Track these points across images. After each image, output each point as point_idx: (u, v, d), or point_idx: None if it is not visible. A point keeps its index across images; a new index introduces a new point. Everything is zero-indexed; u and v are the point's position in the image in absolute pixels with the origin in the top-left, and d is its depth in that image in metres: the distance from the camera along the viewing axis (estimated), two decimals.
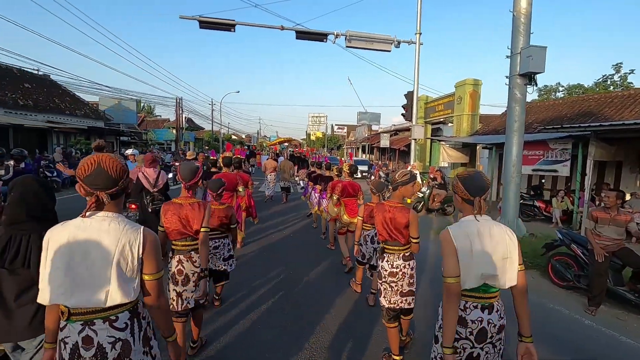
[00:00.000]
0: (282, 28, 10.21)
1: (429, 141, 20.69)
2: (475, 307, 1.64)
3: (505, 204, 6.60)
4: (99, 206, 1.36)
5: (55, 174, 11.51)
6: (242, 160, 6.73)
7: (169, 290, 2.56)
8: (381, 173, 10.77)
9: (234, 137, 63.43)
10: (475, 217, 1.66)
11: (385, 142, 22.14)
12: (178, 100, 26.18)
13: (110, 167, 1.35)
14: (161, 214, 2.55)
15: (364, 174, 20.92)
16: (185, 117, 33.05)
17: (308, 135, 73.02)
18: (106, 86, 26.10)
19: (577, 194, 8.18)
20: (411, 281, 2.74)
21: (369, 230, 3.83)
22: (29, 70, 19.52)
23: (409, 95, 11.61)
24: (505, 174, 6.63)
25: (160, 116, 45.85)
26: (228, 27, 9.86)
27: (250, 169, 21.81)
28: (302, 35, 10.43)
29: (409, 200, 11.23)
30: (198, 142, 41.63)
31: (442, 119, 19.28)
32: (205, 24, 9.75)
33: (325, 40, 10.61)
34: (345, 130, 54.12)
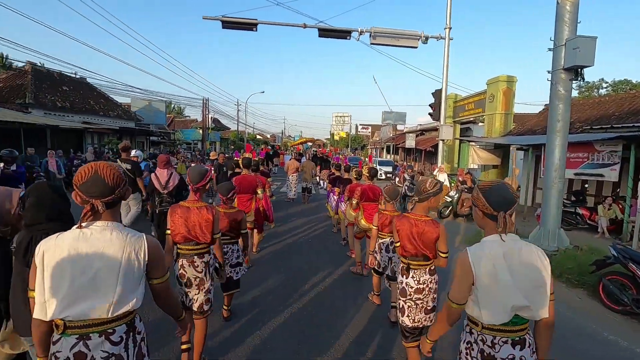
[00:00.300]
0: (305, 26, 9.99)
1: (457, 142, 19.78)
2: (505, 342, 1.42)
3: (545, 211, 5.98)
4: (95, 215, 1.34)
5: None
6: (259, 162, 6.60)
7: (178, 290, 2.54)
8: (406, 175, 10.27)
9: (258, 136, 64.42)
10: (500, 236, 1.43)
11: (410, 142, 21.42)
12: (204, 101, 26.77)
13: (107, 174, 1.33)
14: (168, 217, 2.51)
15: (388, 175, 20.34)
16: (212, 118, 33.81)
17: (332, 135, 72.74)
18: (138, 88, 27.16)
19: (628, 202, 7.33)
20: (435, 296, 2.60)
21: (384, 238, 3.66)
22: (68, 74, 20.64)
23: (437, 94, 11.01)
24: (546, 179, 6.02)
25: (189, 117, 47.38)
26: (250, 26, 9.78)
27: (273, 168, 21.97)
28: (325, 32, 10.16)
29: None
30: (224, 142, 42.54)
31: (471, 119, 18.36)
32: (228, 24, 9.72)
33: (348, 37, 10.27)
34: (369, 130, 53.31)
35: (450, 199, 9.29)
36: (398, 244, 2.61)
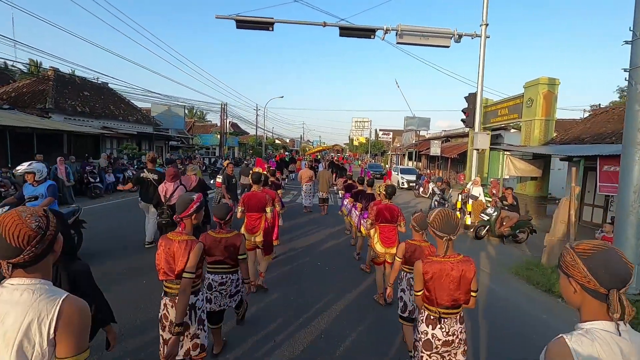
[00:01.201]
0: (325, 24, 9.19)
1: (487, 150, 18.37)
2: None
3: (619, 242, 4.81)
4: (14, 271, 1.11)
5: (97, 179, 11.63)
6: (267, 175, 5.94)
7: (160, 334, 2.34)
8: (435, 189, 9.17)
9: (277, 141, 64.38)
10: (616, 325, 1.00)
11: (436, 149, 20.15)
12: (223, 106, 26.55)
13: (9, 233, 1.07)
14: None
15: (411, 184, 19.13)
16: (230, 122, 33.71)
17: (351, 140, 71.74)
18: (157, 93, 27.23)
19: None
20: (465, 348, 2.25)
21: (412, 273, 2.91)
22: (90, 79, 20.87)
23: (471, 98, 9.90)
24: (622, 204, 4.85)
25: (211, 121, 47.77)
26: (266, 25, 9.08)
27: (289, 175, 21.24)
28: (346, 31, 9.32)
29: (467, 220, 9.48)
30: (242, 146, 42.48)
31: (502, 125, 16.94)
32: (243, 24, 9.07)
33: (373, 36, 9.38)
34: (390, 135, 51.95)
35: (488, 217, 8.13)
36: (420, 293, 2.16)
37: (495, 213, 8.12)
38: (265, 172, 6.11)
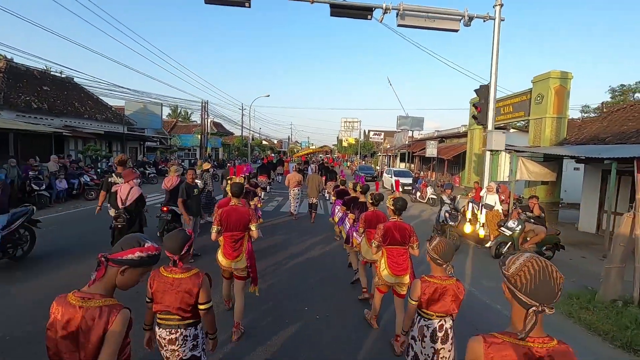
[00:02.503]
0: (313, 1, 7.67)
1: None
2: None
3: None
4: None
5: (44, 186, 9.78)
6: (244, 182, 4.98)
7: None
8: (443, 197, 7.75)
9: (264, 142, 62.44)
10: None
11: (432, 150, 18.90)
12: (203, 104, 24.67)
13: None
14: None
15: (406, 187, 17.78)
16: (213, 122, 31.80)
17: (340, 141, 70.43)
18: (128, 89, 24.91)
19: None
20: None
21: (430, 320, 2.43)
22: (53, 72, 18.78)
23: (483, 91, 8.55)
24: None
25: (196, 122, 45.55)
26: (241, 1, 7.49)
27: (277, 177, 19.65)
28: (338, 10, 7.82)
29: (481, 235, 8.13)
30: (226, 148, 40.50)
31: (505, 124, 15.83)
32: None
33: (369, 17, 7.91)
34: (382, 136, 50.84)
35: (510, 233, 6.76)
36: None
37: (519, 227, 6.75)
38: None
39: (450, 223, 7.12)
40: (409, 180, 18.20)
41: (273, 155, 25.26)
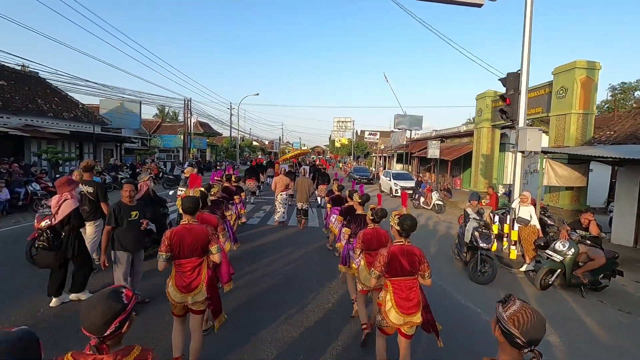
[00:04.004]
0: None
1: (496, 151, 15.88)
2: None
3: None
4: None
5: None
6: (205, 193, 4.00)
7: None
8: (469, 210, 6.22)
9: (255, 143, 60.45)
10: None
11: (434, 151, 17.44)
12: (186, 101, 22.79)
13: None
14: None
15: (407, 192, 16.28)
16: (197, 121, 29.88)
17: (332, 141, 68.91)
18: (103, 85, 22.57)
19: None
20: None
21: None
22: (13, 66, 16.73)
23: (513, 80, 7.05)
24: None
25: (182, 121, 43.37)
26: None
27: (267, 179, 17.98)
28: None
29: (513, 256, 6.64)
30: (214, 149, 38.53)
31: (509, 123, 14.54)
32: None
33: None
34: (377, 136, 49.43)
35: (561, 258, 5.25)
36: None
37: (572, 250, 5.25)
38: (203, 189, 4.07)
39: (482, 245, 5.58)
40: (410, 184, 16.71)
41: (263, 157, 23.56)
